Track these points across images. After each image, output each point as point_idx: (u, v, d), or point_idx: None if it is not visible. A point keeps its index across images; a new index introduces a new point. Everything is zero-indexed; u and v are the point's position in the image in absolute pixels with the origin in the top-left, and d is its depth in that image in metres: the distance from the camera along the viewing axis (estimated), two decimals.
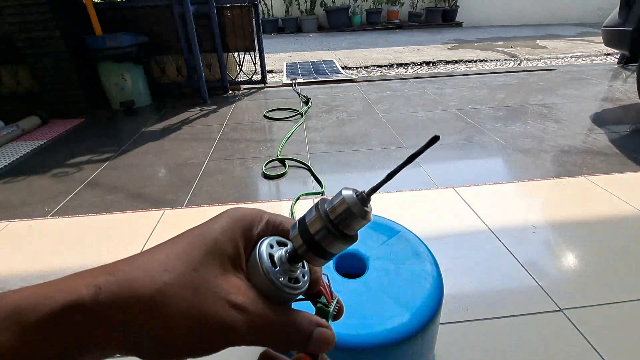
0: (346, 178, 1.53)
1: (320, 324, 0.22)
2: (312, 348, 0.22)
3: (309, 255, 0.22)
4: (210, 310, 0.19)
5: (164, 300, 0.18)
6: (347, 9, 7.77)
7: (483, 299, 0.89)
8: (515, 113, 2.23)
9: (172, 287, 0.19)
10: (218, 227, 0.22)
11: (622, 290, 0.90)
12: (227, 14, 2.74)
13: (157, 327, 0.18)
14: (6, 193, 1.52)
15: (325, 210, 0.21)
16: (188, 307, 0.18)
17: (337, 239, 0.21)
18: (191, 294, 0.19)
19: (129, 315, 0.18)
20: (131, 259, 0.20)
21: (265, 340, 0.20)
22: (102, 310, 0.18)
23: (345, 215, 0.20)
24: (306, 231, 0.21)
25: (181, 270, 0.19)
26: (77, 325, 0.17)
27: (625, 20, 2.28)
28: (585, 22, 8.30)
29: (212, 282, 0.20)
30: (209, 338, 0.19)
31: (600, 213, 1.20)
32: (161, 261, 0.20)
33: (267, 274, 0.21)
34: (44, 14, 2.24)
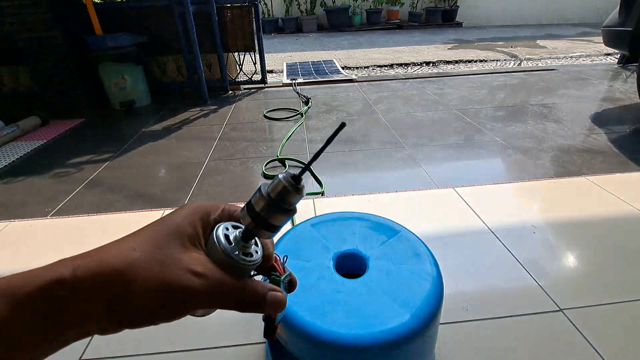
0: (346, 178, 1.53)
1: (273, 289, 0.26)
2: (267, 308, 0.25)
3: (258, 230, 0.26)
4: (173, 278, 0.22)
5: (134, 272, 0.21)
6: (347, 9, 7.77)
7: (483, 299, 0.89)
8: (515, 113, 2.23)
9: (140, 262, 0.22)
10: (178, 215, 0.25)
11: (622, 290, 0.90)
12: (227, 14, 2.74)
13: (130, 295, 0.21)
14: (6, 193, 1.52)
15: (266, 191, 0.25)
16: (155, 277, 0.21)
17: (279, 213, 0.25)
18: (157, 266, 0.22)
19: (104, 287, 0.21)
20: (105, 245, 0.23)
21: (224, 301, 0.24)
22: (81, 285, 0.20)
23: (282, 192, 0.25)
24: (252, 209, 0.25)
25: (147, 249, 0.23)
26: (60, 299, 0.20)
27: (625, 20, 2.28)
28: (585, 22, 8.30)
29: (174, 257, 0.23)
30: (174, 301, 0.22)
31: (600, 213, 1.20)
32: (130, 244, 0.23)
33: (224, 250, 0.25)
34: (44, 14, 2.24)
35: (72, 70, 2.40)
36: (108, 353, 0.79)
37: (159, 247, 0.23)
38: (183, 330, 0.84)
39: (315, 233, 0.71)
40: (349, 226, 0.73)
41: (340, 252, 0.66)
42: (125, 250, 0.22)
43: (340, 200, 1.35)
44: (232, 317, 0.86)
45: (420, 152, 1.74)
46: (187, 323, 0.86)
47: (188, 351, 0.79)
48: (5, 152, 1.93)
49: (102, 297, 0.21)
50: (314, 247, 0.67)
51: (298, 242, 0.69)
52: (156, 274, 0.22)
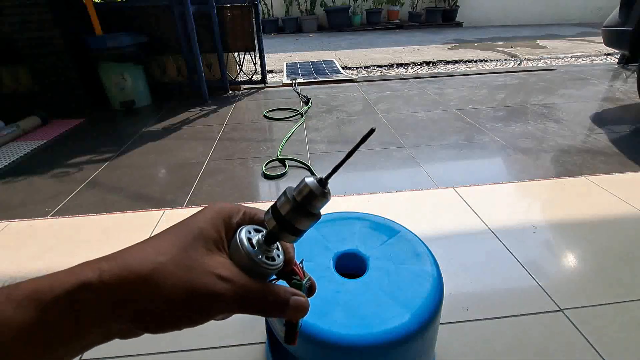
0: (346, 178, 1.53)
1: (295, 293, 0.26)
2: (290, 313, 0.25)
3: (282, 233, 0.25)
4: (200, 282, 0.22)
5: (160, 276, 0.21)
6: (347, 9, 7.77)
7: (483, 299, 0.89)
8: (515, 113, 2.23)
9: (166, 266, 0.22)
10: (202, 218, 0.25)
11: (622, 290, 0.90)
12: (227, 14, 2.74)
13: (156, 300, 0.21)
14: (6, 193, 1.52)
15: (292, 195, 0.25)
16: (181, 281, 0.22)
17: (304, 217, 0.25)
18: (183, 271, 0.22)
19: (130, 291, 0.21)
20: (128, 248, 0.23)
21: (248, 306, 0.24)
22: (107, 288, 0.21)
23: (309, 196, 0.24)
24: (277, 213, 0.25)
25: (173, 253, 0.23)
26: (87, 302, 0.20)
27: (625, 20, 2.28)
28: (585, 22, 8.29)
29: (200, 261, 0.23)
30: (200, 306, 0.22)
31: (600, 213, 1.20)
32: (155, 247, 0.23)
33: (247, 254, 0.25)
34: (44, 14, 2.24)
35: (72, 71, 2.40)
36: (108, 353, 0.79)
37: (185, 251, 0.23)
38: (183, 330, 0.84)
39: (315, 233, 0.71)
40: (349, 226, 0.73)
41: (340, 252, 0.66)
42: (151, 255, 0.22)
43: (340, 200, 1.35)
44: (232, 317, 0.86)
45: (420, 152, 1.74)
46: None
47: (188, 351, 0.79)
48: (5, 152, 1.93)
49: (128, 302, 0.21)
50: (314, 247, 0.67)
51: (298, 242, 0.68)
52: (183, 278, 0.22)
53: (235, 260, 0.25)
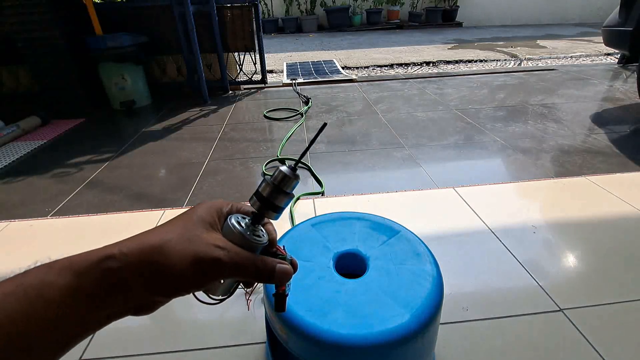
0: (346, 178, 1.53)
1: (280, 262, 0.32)
2: (277, 277, 0.31)
3: (265, 211, 0.33)
4: (202, 250, 0.28)
5: (169, 247, 0.27)
6: (347, 9, 7.76)
7: (483, 299, 0.89)
8: (515, 113, 2.23)
9: (173, 240, 0.27)
10: (199, 209, 0.32)
11: (622, 290, 0.90)
12: (227, 14, 2.74)
13: (167, 266, 0.26)
14: (6, 193, 1.52)
15: (270, 180, 0.33)
16: (186, 250, 0.27)
17: (281, 196, 0.32)
18: (188, 243, 0.28)
19: (146, 259, 0.26)
20: (141, 233, 0.28)
21: (242, 270, 0.29)
22: (128, 259, 0.26)
23: (283, 179, 0.32)
24: (260, 195, 0.33)
25: (179, 231, 0.28)
26: (113, 271, 0.25)
27: (625, 20, 2.28)
28: (585, 22, 8.29)
29: (201, 236, 0.29)
30: (203, 269, 0.27)
31: (600, 213, 1.20)
32: (163, 229, 0.29)
33: (239, 232, 0.31)
34: (44, 14, 2.24)
35: (72, 70, 2.40)
36: (108, 353, 0.79)
37: (187, 230, 0.29)
38: (183, 330, 0.84)
39: (316, 233, 0.71)
40: (349, 226, 0.73)
41: (340, 252, 0.66)
42: (162, 233, 0.28)
43: (340, 200, 1.35)
44: (232, 317, 0.86)
45: (420, 152, 1.74)
46: (187, 323, 0.86)
47: (188, 351, 0.79)
48: (5, 152, 1.93)
49: (146, 267, 0.26)
50: (314, 247, 0.67)
51: (298, 242, 0.69)
52: (187, 248, 0.27)
53: (228, 239, 0.30)
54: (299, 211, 1.27)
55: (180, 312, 0.90)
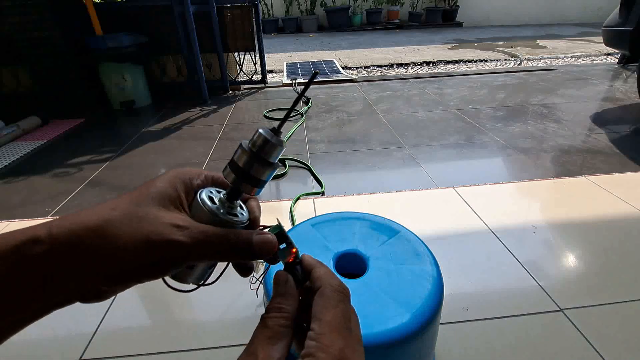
0: (346, 178, 1.53)
1: (259, 232, 0.26)
2: (256, 249, 0.25)
3: (242, 185, 0.26)
4: (153, 231, 0.21)
5: (110, 227, 0.21)
6: (347, 9, 7.77)
7: (483, 299, 0.89)
8: (515, 113, 2.23)
9: (116, 218, 0.21)
10: (159, 179, 0.25)
11: (622, 290, 0.90)
12: (227, 14, 2.74)
13: (107, 250, 0.20)
14: (6, 193, 1.52)
15: (247, 145, 0.25)
16: (133, 231, 0.21)
17: (261, 166, 0.25)
18: (136, 222, 0.21)
19: (80, 243, 0.20)
20: (81, 211, 0.22)
21: (211, 250, 0.23)
22: (57, 242, 0.20)
23: (264, 144, 0.25)
24: (235, 165, 0.25)
25: (126, 208, 0.22)
26: (37, 257, 0.19)
27: (625, 20, 2.28)
28: (585, 22, 8.29)
29: (154, 213, 0.22)
30: (155, 255, 0.21)
31: (600, 213, 1.20)
32: (108, 204, 0.22)
33: (209, 210, 0.25)
34: (44, 14, 2.24)
35: (72, 70, 2.40)
36: (108, 353, 0.79)
37: (138, 206, 0.22)
38: (183, 330, 0.84)
39: (316, 233, 0.71)
40: (349, 226, 0.73)
41: (340, 252, 0.66)
42: (103, 210, 0.22)
43: (340, 200, 1.35)
44: (232, 317, 0.86)
45: (420, 152, 1.74)
46: (186, 323, 0.86)
47: (188, 351, 0.79)
48: (5, 152, 1.93)
49: (81, 253, 0.20)
50: (314, 247, 0.67)
51: (298, 242, 0.68)
52: (136, 228, 0.21)
53: (197, 218, 0.25)
54: (299, 211, 1.27)
55: (180, 312, 0.90)
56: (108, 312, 0.89)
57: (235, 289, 0.94)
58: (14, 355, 0.79)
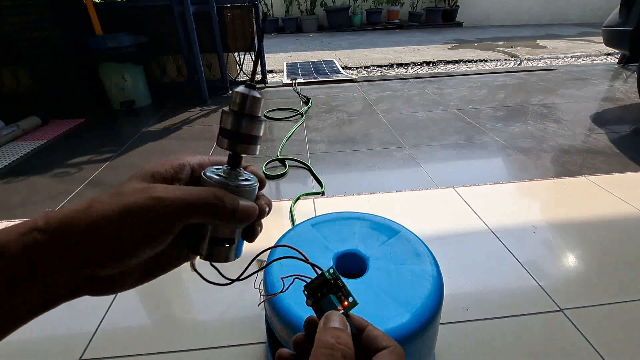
0: (346, 178, 1.53)
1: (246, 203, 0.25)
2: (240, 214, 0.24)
3: (239, 146, 0.26)
4: (129, 200, 0.22)
5: (93, 206, 0.22)
6: (347, 9, 7.76)
7: (483, 299, 0.89)
8: (515, 113, 2.23)
9: (99, 198, 0.22)
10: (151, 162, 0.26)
11: (622, 290, 0.90)
12: (227, 14, 2.74)
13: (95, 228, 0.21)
14: (6, 193, 1.52)
15: (228, 108, 0.26)
16: (111, 205, 0.22)
17: (249, 122, 0.26)
18: (114, 197, 0.22)
19: (72, 227, 0.21)
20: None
21: (196, 203, 0.23)
22: (53, 229, 0.21)
23: (243, 100, 0.25)
24: (224, 130, 0.26)
25: (112, 190, 0.23)
26: (39, 244, 0.20)
27: (625, 20, 2.28)
28: (586, 22, 8.29)
29: (135, 187, 0.23)
30: (131, 223, 0.21)
31: (600, 213, 1.20)
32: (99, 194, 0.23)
33: (218, 182, 0.25)
34: (44, 14, 2.24)
35: (72, 70, 2.40)
36: (108, 353, 0.79)
37: (122, 185, 0.23)
38: (183, 330, 0.84)
39: (316, 233, 0.71)
40: (349, 226, 0.73)
41: (340, 252, 0.66)
42: (91, 199, 0.23)
43: (340, 200, 1.35)
44: (232, 317, 0.86)
45: (420, 152, 1.74)
46: (186, 323, 0.86)
47: (188, 351, 0.79)
48: (5, 152, 1.93)
49: (73, 236, 0.21)
50: (314, 247, 0.67)
51: (298, 242, 0.69)
52: (115, 202, 0.22)
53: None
54: (299, 211, 1.27)
55: (180, 312, 0.90)
56: (108, 312, 0.89)
57: (235, 289, 0.94)
58: (14, 355, 0.79)
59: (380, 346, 0.24)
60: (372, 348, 0.24)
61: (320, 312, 0.27)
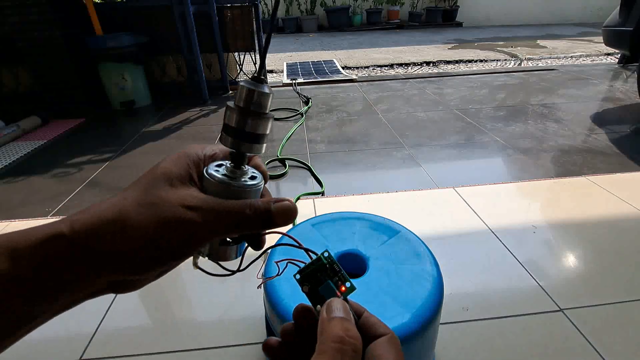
0: (346, 178, 1.53)
1: (277, 200, 0.24)
2: (278, 219, 0.24)
3: (244, 145, 0.24)
4: (166, 214, 0.21)
5: (126, 217, 0.21)
6: (348, 9, 7.77)
7: (483, 299, 0.89)
8: (515, 113, 2.23)
9: (130, 207, 0.21)
10: (165, 160, 0.25)
11: (622, 290, 0.90)
12: (227, 14, 2.74)
13: (124, 241, 0.21)
14: (6, 193, 1.52)
15: (233, 103, 0.24)
16: (146, 218, 0.21)
17: (255, 119, 0.24)
18: (148, 208, 0.21)
19: (100, 236, 0.20)
20: (96, 204, 0.23)
21: (226, 223, 0.22)
22: (79, 237, 0.20)
23: (250, 95, 0.23)
24: (228, 128, 0.24)
25: (136, 195, 0.22)
26: (61, 253, 0.20)
27: (625, 20, 2.28)
28: (586, 22, 8.29)
29: (163, 196, 0.22)
30: (170, 237, 0.21)
31: (600, 213, 1.20)
32: (121, 195, 0.23)
33: (220, 181, 0.24)
34: (44, 14, 2.24)
35: (72, 70, 2.40)
36: (108, 353, 0.79)
37: (147, 192, 0.22)
38: (183, 330, 0.84)
39: (316, 233, 0.71)
40: (349, 226, 0.73)
41: (340, 252, 0.66)
42: (116, 201, 0.22)
43: (340, 200, 1.35)
44: (232, 317, 0.86)
45: (420, 152, 1.74)
46: (186, 323, 0.86)
47: (188, 351, 0.79)
48: (5, 152, 1.93)
49: (101, 246, 0.20)
50: (314, 247, 0.67)
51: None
52: (148, 215, 0.21)
53: (210, 192, 0.24)
54: (299, 211, 1.27)
55: (180, 312, 0.90)
56: (108, 312, 0.89)
57: (235, 289, 0.94)
58: (14, 355, 0.79)
59: (377, 333, 0.25)
60: (370, 334, 0.25)
61: (316, 300, 0.26)
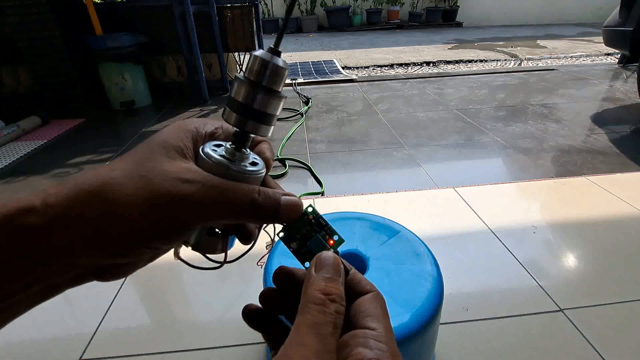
0: (346, 178, 1.53)
1: (286, 193, 0.22)
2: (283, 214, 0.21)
3: (249, 124, 0.21)
4: (158, 189, 0.18)
5: (110, 190, 0.18)
6: (347, 9, 7.76)
7: (483, 299, 0.89)
8: (515, 113, 2.23)
9: (117, 179, 0.18)
10: (163, 131, 0.22)
11: (622, 290, 0.90)
12: (227, 14, 2.74)
13: (107, 217, 0.18)
14: (6, 193, 1.52)
15: (243, 75, 0.21)
16: (135, 191, 0.18)
17: (265, 95, 0.20)
18: (140, 181, 0.19)
19: (81, 210, 0.18)
20: (80, 174, 0.20)
21: (227, 208, 0.20)
22: (53, 211, 0.17)
23: (264, 68, 0.20)
24: (234, 102, 0.21)
25: (128, 167, 0.19)
26: (33, 229, 0.17)
27: (625, 20, 2.28)
28: (586, 22, 8.29)
29: (158, 168, 0.19)
30: (162, 216, 0.18)
31: (600, 213, 1.20)
32: (110, 165, 0.20)
33: (217, 163, 0.21)
34: (44, 14, 2.24)
35: (72, 70, 2.40)
36: (108, 353, 0.79)
37: (139, 163, 0.19)
38: (183, 330, 0.84)
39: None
40: (348, 226, 0.73)
41: (340, 252, 0.66)
42: (103, 171, 0.19)
43: (340, 200, 1.35)
44: (232, 317, 0.86)
45: (420, 152, 1.74)
46: (187, 323, 0.86)
47: (188, 351, 0.79)
48: (5, 152, 1.93)
49: (80, 223, 0.18)
50: None
51: None
52: (140, 188, 0.18)
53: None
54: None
55: (180, 312, 0.90)
56: (108, 312, 0.89)
57: (235, 289, 0.94)
58: (13, 355, 0.79)
59: (364, 290, 0.24)
60: (356, 290, 0.23)
61: (305, 256, 0.24)
